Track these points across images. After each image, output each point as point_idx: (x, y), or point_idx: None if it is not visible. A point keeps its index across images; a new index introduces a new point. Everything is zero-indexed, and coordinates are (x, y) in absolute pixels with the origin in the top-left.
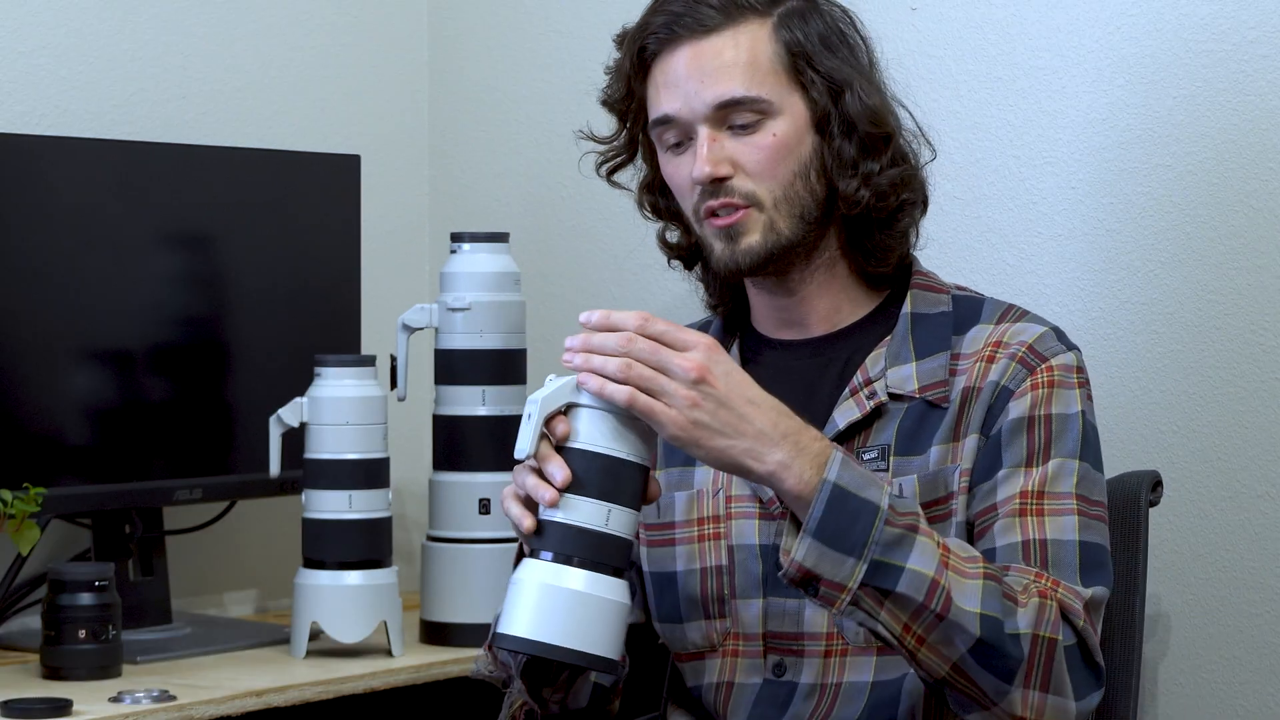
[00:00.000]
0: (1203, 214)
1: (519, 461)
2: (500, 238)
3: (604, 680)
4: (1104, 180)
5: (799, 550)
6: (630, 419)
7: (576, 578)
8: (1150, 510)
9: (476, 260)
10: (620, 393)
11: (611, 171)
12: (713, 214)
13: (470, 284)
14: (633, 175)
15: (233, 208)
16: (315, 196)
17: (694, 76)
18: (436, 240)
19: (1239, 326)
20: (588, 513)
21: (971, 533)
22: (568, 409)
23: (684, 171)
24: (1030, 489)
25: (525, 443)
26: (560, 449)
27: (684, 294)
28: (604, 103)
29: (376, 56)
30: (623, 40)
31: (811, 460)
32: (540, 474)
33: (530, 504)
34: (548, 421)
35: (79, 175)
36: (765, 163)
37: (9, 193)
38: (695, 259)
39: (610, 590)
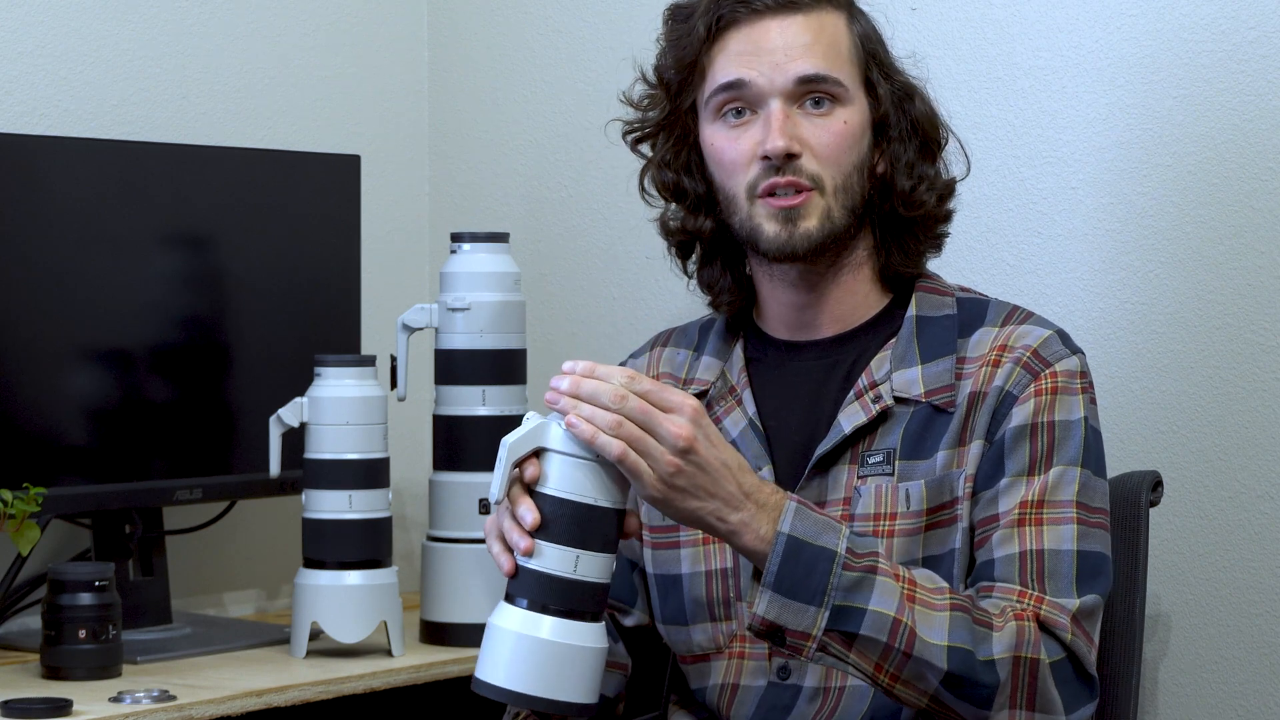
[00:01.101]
0: (1203, 214)
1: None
2: (500, 238)
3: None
4: (1104, 180)
5: (760, 604)
6: (601, 464)
7: (549, 627)
8: (1150, 510)
9: (476, 260)
10: (612, 446)
11: (639, 141)
12: (770, 193)
13: (470, 284)
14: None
15: (233, 208)
16: (315, 196)
17: (780, 48)
18: (436, 240)
19: (1239, 326)
20: (556, 559)
21: (974, 539)
22: (538, 452)
23: (743, 145)
24: (1031, 498)
25: (495, 487)
26: (532, 491)
27: (682, 294)
28: (657, 69)
29: (376, 56)
30: (676, 14)
31: (768, 515)
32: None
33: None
34: (519, 464)
35: (79, 175)
36: (834, 147)
37: (9, 193)
38: (694, 246)
39: (583, 636)
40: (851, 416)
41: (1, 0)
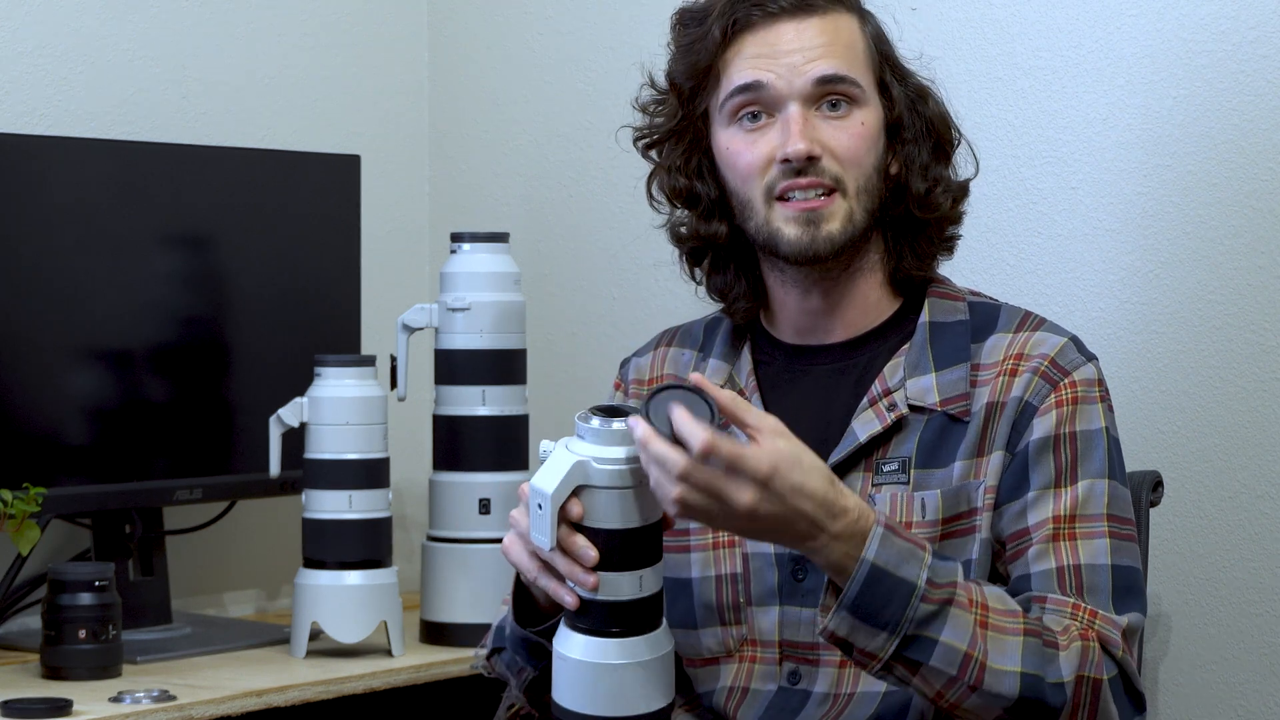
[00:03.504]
0: (1203, 214)
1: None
2: (500, 238)
3: None
4: (1104, 180)
5: (833, 620)
6: (644, 487)
7: (628, 649)
8: (1150, 510)
9: (476, 260)
10: (672, 510)
11: (650, 146)
12: (786, 197)
13: (470, 284)
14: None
15: (233, 208)
16: (315, 196)
17: (797, 50)
18: (436, 240)
19: (1239, 326)
20: (623, 586)
21: (998, 550)
22: (577, 490)
23: (760, 149)
24: (1062, 513)
25: (545, 536)
26: (579, 526)
27: (683, 294)
28: (669, 74)
29: (376, 56)
30: (686, 18)
31: (850, 538)
32: (567, 553)
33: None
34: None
35: (79, 175)
36: (854, 149)
37: (8, 193)
38: (706, 252)
39: (658, 645)
40: (866, 424)
41: (2, 1)
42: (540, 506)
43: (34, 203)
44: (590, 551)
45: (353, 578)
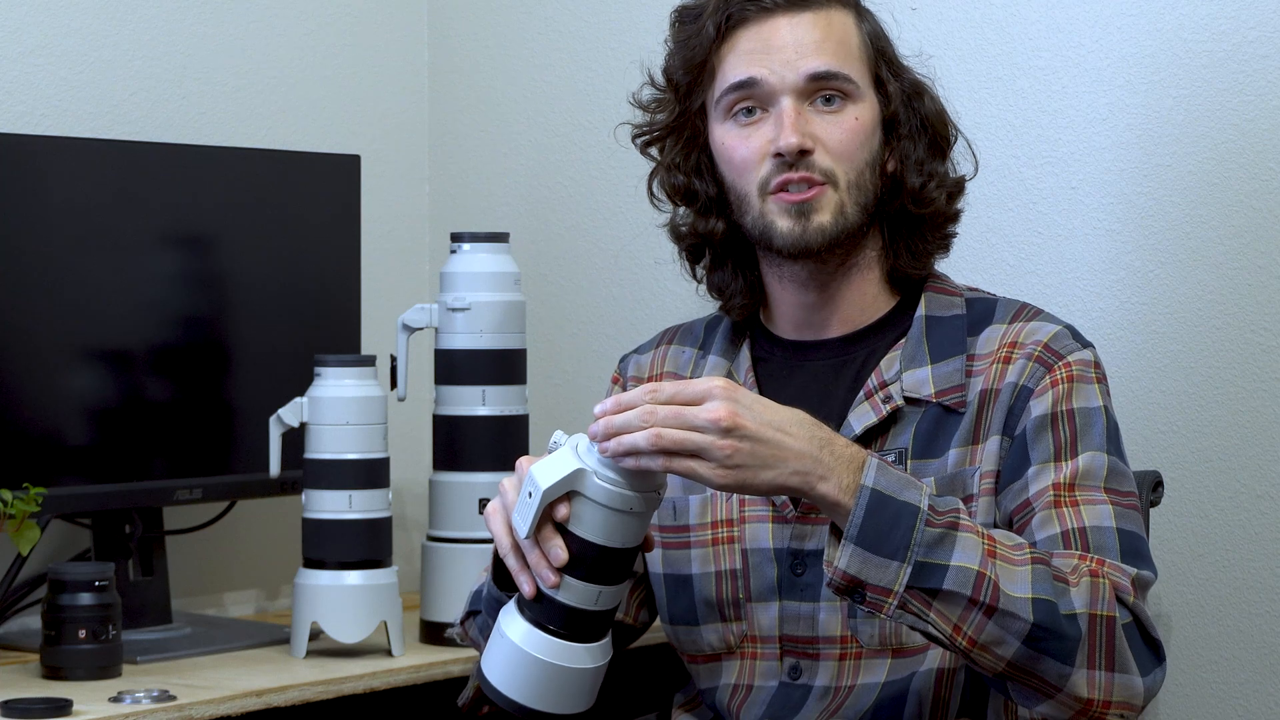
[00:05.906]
0: (1203, 214)
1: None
2: (500, 238)
3: None
4: (1104, 180)
5: (842, 558)
6: (634, 515)
7: (563, 651)
8: (1150, 510)
9: (476, 260)
10: (655, 462)
11: (648, 144)
12: (783, 189)
13: (470, 284)
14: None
15: (233, 208)
16: (315, 196)
17: (790, 45)
18: (436, 240)
19: (1239, 326)
20: (579, 594)
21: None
22: (571, 494)
23: (754, 143)
24: (1062, 481)
25: (525, 524)
26: (560, 527)
27: (683, 292)
28: (666, 71)
29: (376, 56)
30: (683, 15)
31: (847, 466)
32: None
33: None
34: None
35: (78, 175)
36: (846, 143)
37: (8, 193)
38: (704, 250)
39: (594, 656)
40: (862, 417)
41: (2, 0)
42: (530, 495)
43: (34, 203)
44: (561, 553)
45: (353, 578)
